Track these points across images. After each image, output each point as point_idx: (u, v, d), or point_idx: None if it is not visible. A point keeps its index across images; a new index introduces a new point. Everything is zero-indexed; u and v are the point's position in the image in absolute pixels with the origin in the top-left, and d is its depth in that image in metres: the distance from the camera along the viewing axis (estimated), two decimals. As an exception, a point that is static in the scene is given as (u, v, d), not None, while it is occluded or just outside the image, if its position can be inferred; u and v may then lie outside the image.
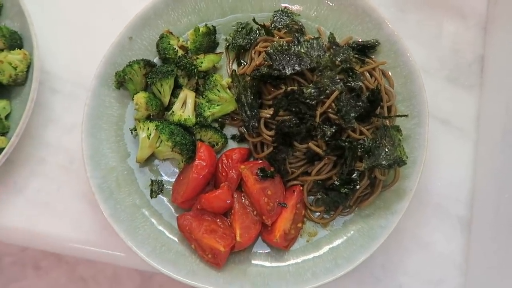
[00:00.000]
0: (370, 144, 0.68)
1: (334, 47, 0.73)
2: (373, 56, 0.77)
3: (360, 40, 0.77)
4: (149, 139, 0.73)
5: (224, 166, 0.73)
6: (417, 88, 0.74)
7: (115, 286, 1.48)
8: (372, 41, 0.76)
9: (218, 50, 0.81)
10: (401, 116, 0.72)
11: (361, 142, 0.69)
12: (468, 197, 0.77)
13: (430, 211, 0.77)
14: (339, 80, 0.69)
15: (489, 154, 0.77)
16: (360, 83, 0.70)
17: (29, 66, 0.78)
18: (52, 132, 0.81)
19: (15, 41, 0.79)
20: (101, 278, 1.48)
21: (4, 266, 1.73)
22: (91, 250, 0.77)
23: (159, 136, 0.73)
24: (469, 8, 0.86)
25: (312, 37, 0.74)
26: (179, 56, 0.76)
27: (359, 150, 0.68)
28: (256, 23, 0.77)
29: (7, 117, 0.78)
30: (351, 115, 0.68)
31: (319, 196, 0.73)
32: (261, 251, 0.72)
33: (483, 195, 0.76)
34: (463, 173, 0.78)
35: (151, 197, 0.74)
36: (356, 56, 0.75)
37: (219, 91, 0.74)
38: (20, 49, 0.78)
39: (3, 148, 0.74)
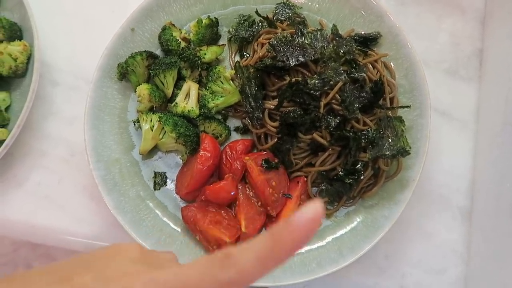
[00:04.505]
0: (374, 135, 0.69)
1: (337, 38, 0.73)
2: (374, 49, 0.78)
3: (362, 32, 0.78)
4: (152, 130, 0.73)
5: (228, 157, 0.73)
6: (419, 79, 0.74)
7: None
8: (374, 33, 0.77)
9: (220, 42, 0.81)
10: (403, 107, 0.73)
11: (364, 132, 0.69)
12: (468, 188, 0.78)
13: (431, 201, 0.78)
14: (342, 71, 0.70)
15: (489, 145, 0.78)
16: (364, 74, 0.71)
17: (29, 58, 0.77)
18: (53, 125, 0.80)
19: (15, 32, 0.78)
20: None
21: (-5, 267, 1.71)
22: (93, 244, 0.76)
23: (163, 128, 0.73)
24: (467, 2, 0.87)
25: (315, 29, 0.74)
26: (182, 47, 0.75)
27: (363, 140, 0.69)
28: (259, 15, 0.77)
29: (7, 109, 0.77)
30: (355, 105, 0.69)
31: (323, 187, 0.73)
32: (265, 242, 0.72)
33: (483, 185, 0.77)
34: (463, 164, 0.79)
35: (155, 189, 0.74)
36: (359, 48, 0.75)
37: (222, 82, 0.74)
38: (20, 41, 0.77)
39: (3, 141, 0.73)
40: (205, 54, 0.75)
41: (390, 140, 0.69)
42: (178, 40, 0.76)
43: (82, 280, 0.30)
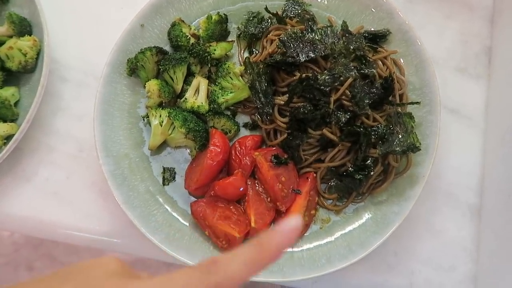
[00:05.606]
0: (384, 131, 0.69)
1: (347, 35, 0.73)
2: (384, 46, 0.78)
3: (371, 29, 0.78)
4: (161, 126, 0.73)
5: (237, 153, 0.73)
6: (429, 76, 0.74)
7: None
8: (383, 30, 0.77)
9: (229, 38, 0.81)
10: (413, 103, 0.73)
11: (375, 128, 0.69)
12: (478, 185, 0.78)
13: (441, 198, 0.77)
14: (353, 67, 0.70)
15: (497, 143, 0.78)
16: (374, 70, 0.71)
17: (38, 53, 0.77)
18: (62, 120, 0.80)
19: (25, 27, 0.78)
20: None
21: (-4, 267, 1.70)
22: (101, 240, 0.76)
23: (172, 123, 0.73)
24: (475, 0, 0.87)
25: (326, 25, 0.74)
26: (192, 43, 0.75)
27: (373, 136, 0.69)
28: (268, 11, 0.77)
29: (16, 104, 0.77)
30: (365, 101, 0.69)
31: (333, 183, 0.73)
32: (274, 238, 0.72)
33: (493, 182, 0.77)
34: (472, 161, 0.79)
35: (163, 185, 0.74)
36: (368, 44, 0.75)
37: (232, 78, 0.74)
38: (30, 36, 0.77)
39: (12, 135, 0.73)
40: (214, 50, 0.75)
41: (400, 136, 0.69)
42: (187, 36, 0.76)
43: None
